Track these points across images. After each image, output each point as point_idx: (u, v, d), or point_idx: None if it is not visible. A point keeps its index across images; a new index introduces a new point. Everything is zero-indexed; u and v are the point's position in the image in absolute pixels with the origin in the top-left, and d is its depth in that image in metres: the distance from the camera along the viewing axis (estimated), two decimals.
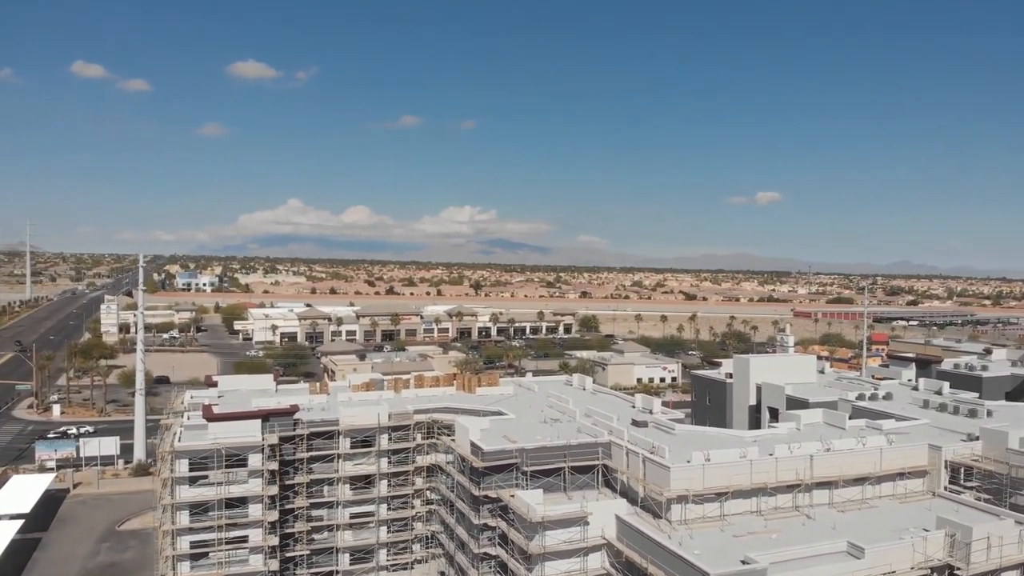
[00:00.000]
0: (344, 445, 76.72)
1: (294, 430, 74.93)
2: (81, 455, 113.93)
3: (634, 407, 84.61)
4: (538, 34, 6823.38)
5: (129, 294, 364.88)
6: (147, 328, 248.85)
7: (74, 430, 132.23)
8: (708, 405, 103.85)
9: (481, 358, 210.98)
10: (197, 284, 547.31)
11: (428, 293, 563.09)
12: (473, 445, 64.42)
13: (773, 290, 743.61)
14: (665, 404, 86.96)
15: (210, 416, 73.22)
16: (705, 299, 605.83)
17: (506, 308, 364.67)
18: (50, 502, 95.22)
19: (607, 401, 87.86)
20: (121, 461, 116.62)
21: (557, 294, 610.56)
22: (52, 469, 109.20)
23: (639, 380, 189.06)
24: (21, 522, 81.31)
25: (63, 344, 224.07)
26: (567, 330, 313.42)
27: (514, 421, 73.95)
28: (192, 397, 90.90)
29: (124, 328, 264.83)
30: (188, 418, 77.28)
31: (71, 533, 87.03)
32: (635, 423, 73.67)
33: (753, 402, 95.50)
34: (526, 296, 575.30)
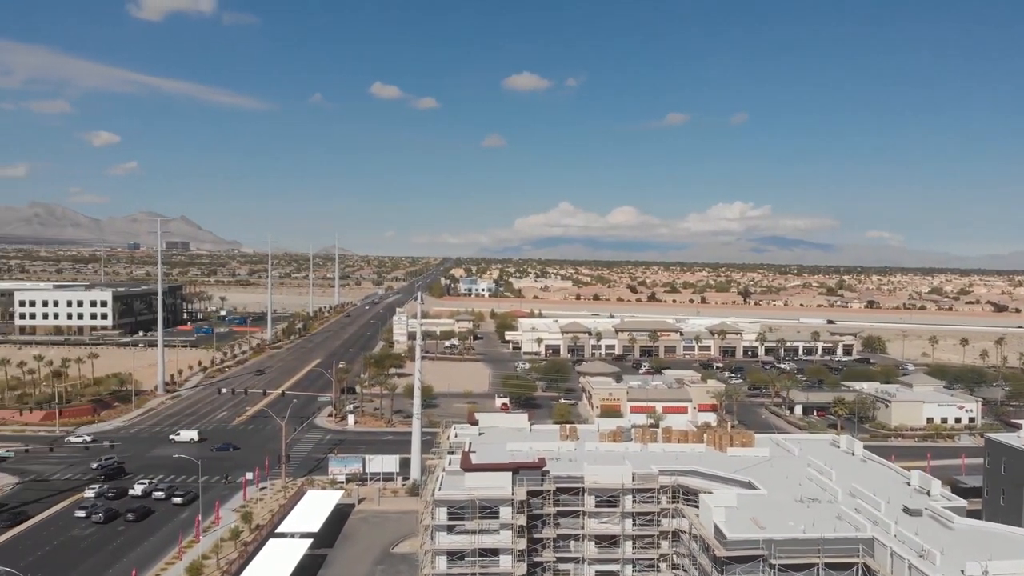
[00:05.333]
0: (589, 503, 77.67)
1: (541, 484, 77.32)
2: (366, 470, 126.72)
3: (909, 484, 76.31)
4: (811, 19, 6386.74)
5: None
6: (430, 336, 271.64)
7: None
8: (1003, 475, 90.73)
9: (744, 383, 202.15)
10: (476, 290, 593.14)
11: (691, 300, 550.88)
12: (717, 529, 61.93)
13: None
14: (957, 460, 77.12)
15: (467, 466, 78.02)
16: (1019, 311, 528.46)
17: (777, 321, 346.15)
18: (338, 517, 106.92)
19: (877, 475, 79.88)
20: (400, 478, 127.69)
21: (838, 303, 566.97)
22: (342, 483, 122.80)
23: (929, 420, 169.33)
24: (311, 540, 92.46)
25: (359, 355, 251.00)
26: (847, 351, 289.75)
27: (765, 498, 69.96)
28: (456, 435, 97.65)
29: (412, 335, 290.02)
30: (450, 463, 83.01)
31: (351, 552, 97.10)
32: (907, 510, 66.49)
33: None
34: (801, 305, 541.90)
